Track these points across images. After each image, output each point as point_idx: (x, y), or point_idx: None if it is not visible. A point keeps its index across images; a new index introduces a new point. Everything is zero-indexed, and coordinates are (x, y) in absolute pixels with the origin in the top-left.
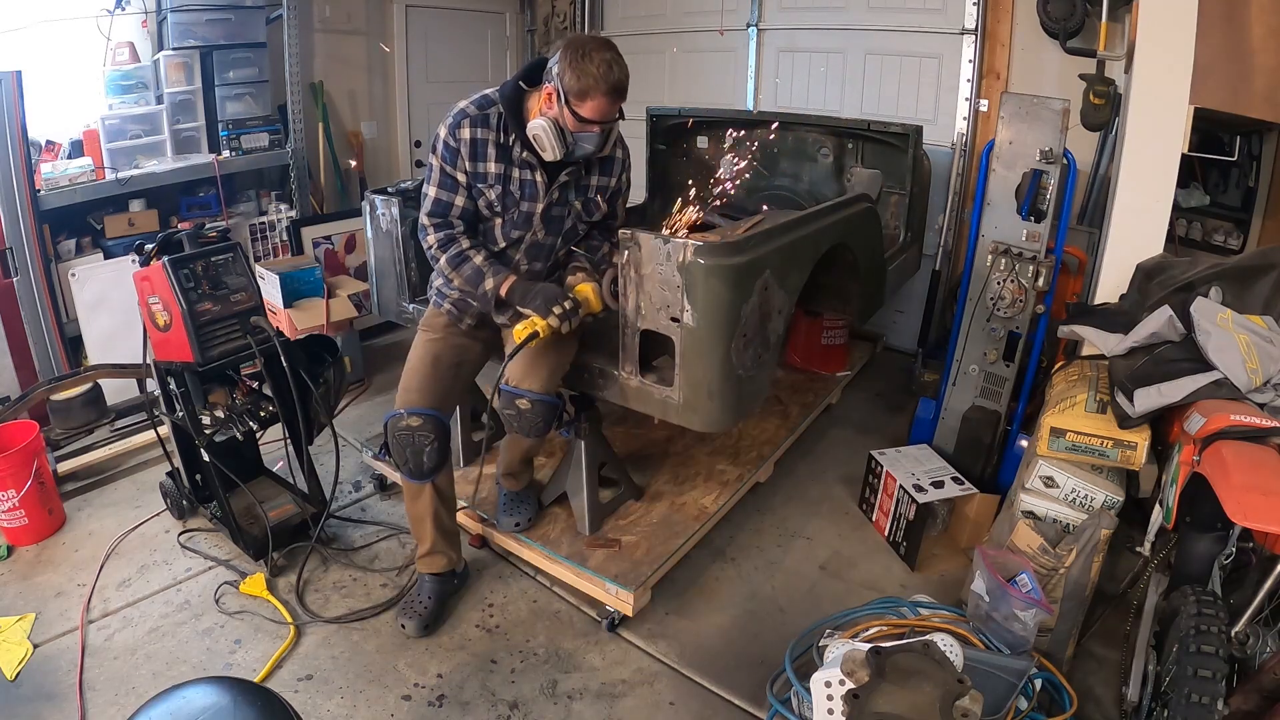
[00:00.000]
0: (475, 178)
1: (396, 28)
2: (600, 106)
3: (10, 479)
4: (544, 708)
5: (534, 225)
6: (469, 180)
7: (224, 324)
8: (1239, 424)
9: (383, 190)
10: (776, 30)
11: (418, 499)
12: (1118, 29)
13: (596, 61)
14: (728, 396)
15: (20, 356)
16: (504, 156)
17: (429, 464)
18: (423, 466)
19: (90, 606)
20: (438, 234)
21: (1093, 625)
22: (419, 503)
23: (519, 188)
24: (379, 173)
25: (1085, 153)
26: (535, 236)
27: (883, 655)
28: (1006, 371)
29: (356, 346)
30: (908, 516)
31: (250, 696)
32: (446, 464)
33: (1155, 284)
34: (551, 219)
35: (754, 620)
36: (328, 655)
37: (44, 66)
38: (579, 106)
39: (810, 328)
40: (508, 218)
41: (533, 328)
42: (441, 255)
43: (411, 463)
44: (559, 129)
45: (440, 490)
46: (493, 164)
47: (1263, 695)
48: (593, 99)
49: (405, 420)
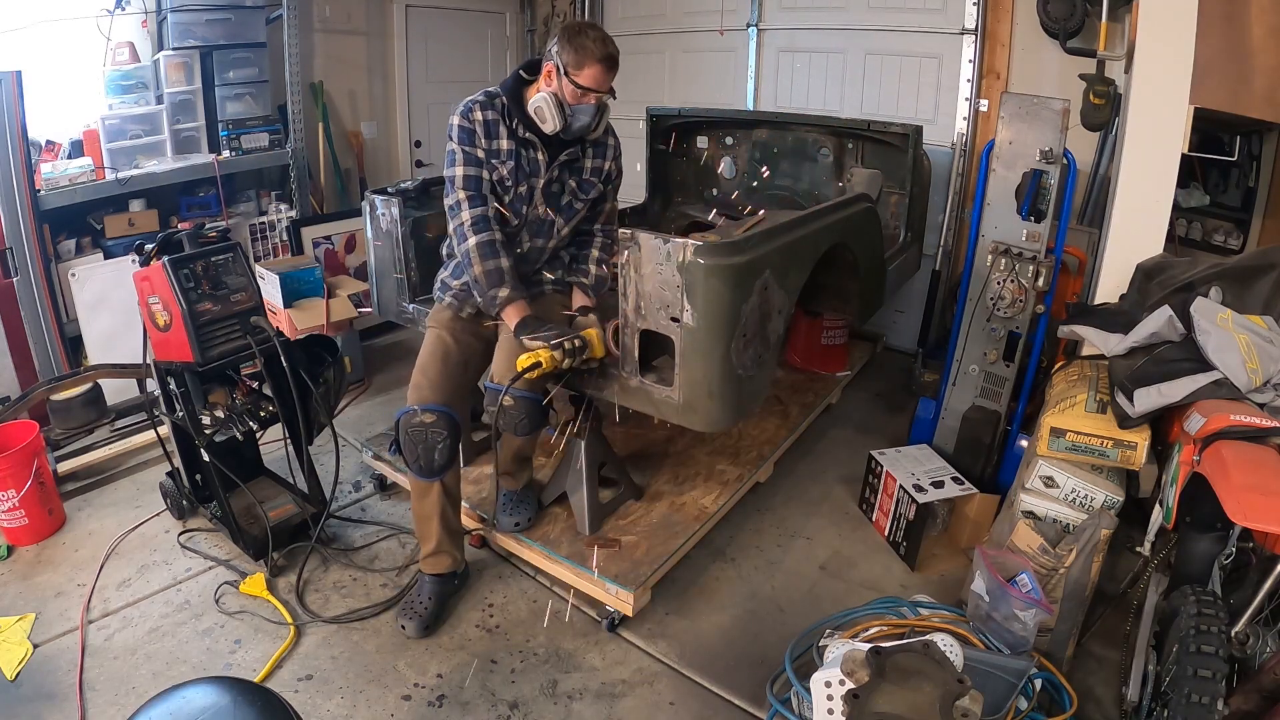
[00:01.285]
0: (490, 154)
1: (396, 28)
2: (596, 74)
3: (10, 479)
4: (544, 708)
5: (535, 199)
6: (486, 157)
7: (224, 324)
8: (1239, 424)
9: (383, 190)
10: (776, 30)
11: (425, 497)
12: (1118, 29)
13: (591, 36)
14: (728, 396)
15: (20, 356)
16: (512, 136)
17: (440, 461)
18: (434, 464)
19: (90, 606)
20: (473, 210)
21: (1093, 625)
22: (426, 501)
23: (527, 164)
24: (379, 173)
25: (1085, 153)
26: (536, 211)
27: (883, 655)
28: (1006, 371)
29: (356, 346)
30: (908, 516)
31: (250, 696)
32: (456, 462)
33: (1155, 284)
34: (550, 194)
35: (754, 620)
36: (328, 655)
37: (44, 66)
38: (577, 75)
39: (810, 328)
40: (517, 192)
41: (535, 359)
42: (472, 236)
43: (423, 460)
44: (558, 101)
45: (448, 489)
46: (505, 140)
47: (1263, 695)
48: (589, 67)
49: (419, 416)
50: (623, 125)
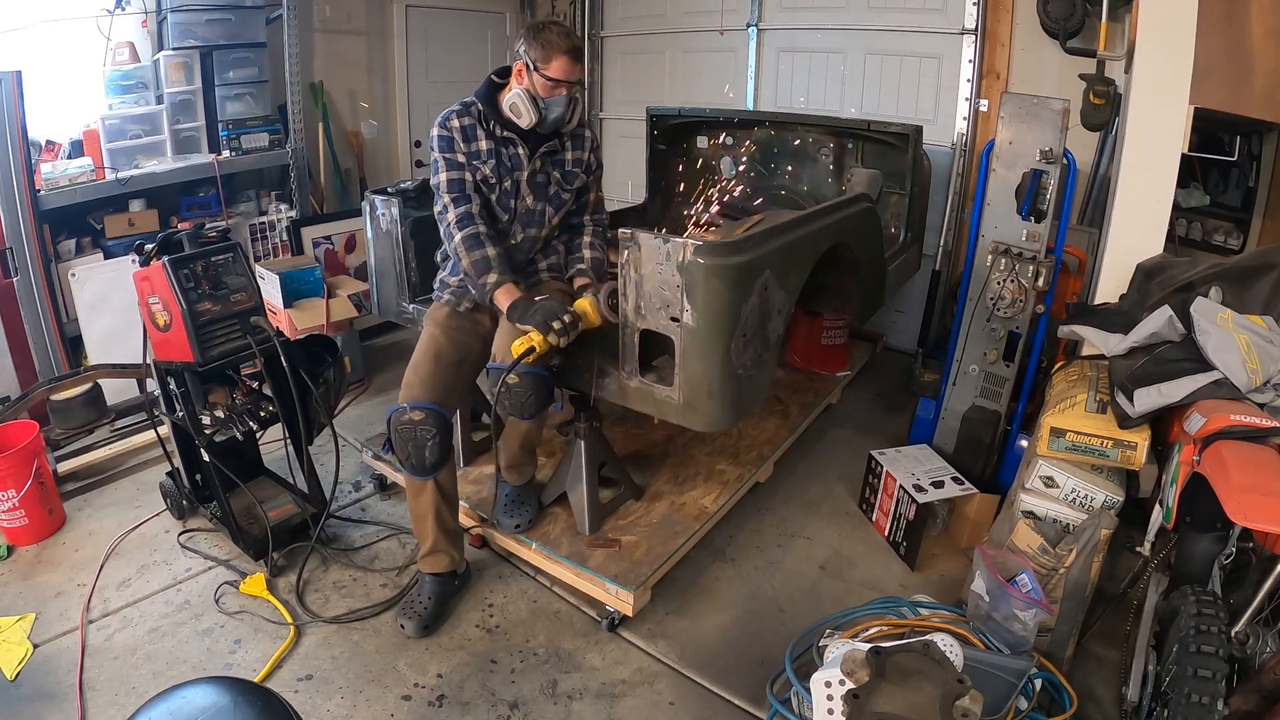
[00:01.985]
0: (471, 157)
1: (396, 28)
2: (564, 65)
3: (10, 479)
4: (544, 708)
5: (522, 192)
6: (467, 160)
7: (224, 324)
8: (1239, 424)
9: (383, 190)
10: (776, 30)
11: (419, 496)
12: (1118, 29)
13: (554, 31)
14: (728, 396)
15: (20, 356)
16: (490, 136)
17: (431, 459)
18: (425, 461)
19: (90, 606)
20: (457, 209)
21: (1093, 625)
22: (421, 500)
23: (508, 159)
24: (379, 173)
25: (1085, 153)
26: (525, 203)
27: (883, 655)
28: (1006, 371)
29: (356, 346)
30: (908, 516)
31: (250, 696)
32: (449, 461)
33: (1155, 284)
34: (536, 185)
35: (754, 620)
36: (328, 655)
37: (44, 66)
38: (545, 68)
39: (810, 328)
40: (502, 188)
41: (529, 343)
42: (458, 232)
43: (414, 458)
44: (531, 96)
45: (442, 488)
46: (483, 142)
47: (1263, 695)
48: (556, 59)
49: (408, 414)
50: (623, 125)
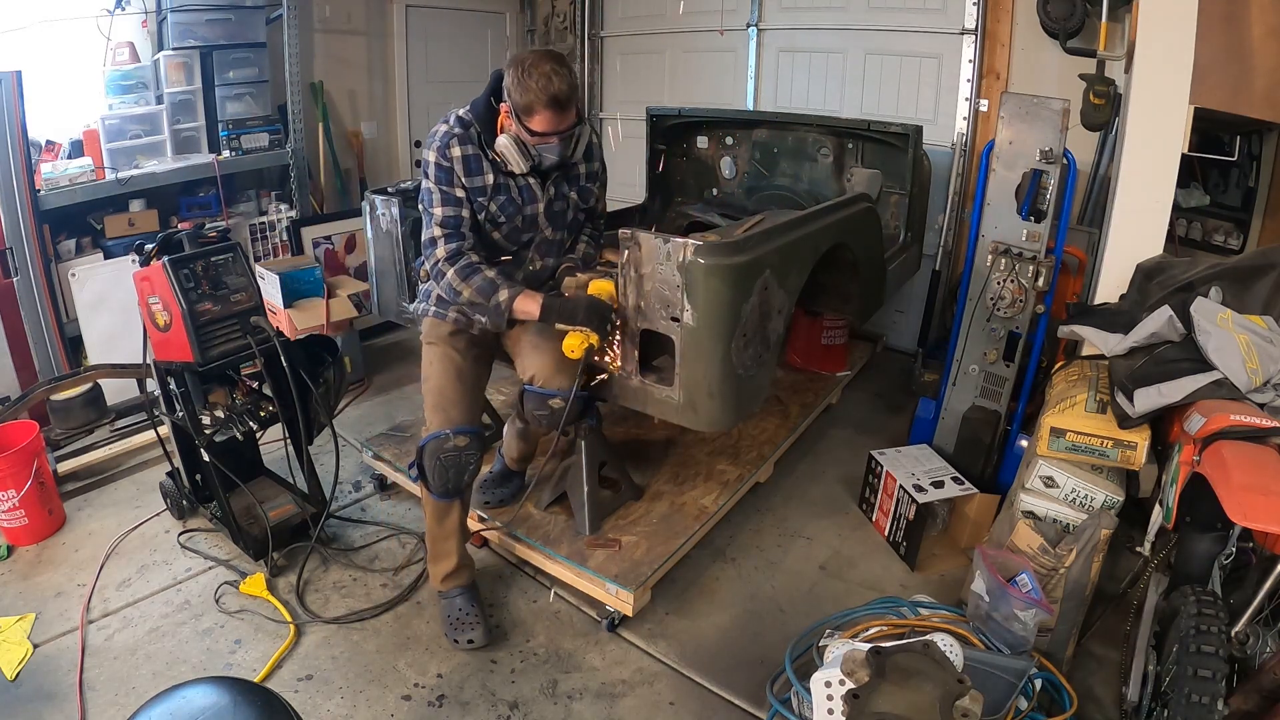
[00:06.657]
0: (474, 193)
1: (396, 28)
2: (546, 119)
3: (10, 479)
4: (544, 708)
5: (540, 225)
6: (468, 196)
7: (224, 324)
8: (1239, 424)
9: (383, 190)
10: (776, 30)
11: (446, 518)
12: (1118, 29)
13: (536, 76)
14: (728, 396)
15: (20, 356)
16: (495, 168)
17: (466, 481)
18: (461, 485)
19: (90, 606)
20: (447, 245)
21: (1093, 625)
22: (447, 522)
23: (519, 193)
24: (379, 173)
25: (1085, 153)
26: (544, 234)
27: (883, 655)
28: (1006, 371)
29: (356, 346)
30: (908, 516)
31: (250, 696)
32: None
33: (1155, 284)
34: (555, 214)
35: (754, 620)
36: (328, 655)
37: (44, 66)
38: (528, 121)
39: (810, 328)
40: (511, 225)
41: (587, 342)
42: (449, 268)
43: (452, 483)
44: (519, 144)
45: (465, 505)
46: (489, 175)
47: (1263, 695)
48: (538, 113)
49: (451, 441)
50: (623, 125)
